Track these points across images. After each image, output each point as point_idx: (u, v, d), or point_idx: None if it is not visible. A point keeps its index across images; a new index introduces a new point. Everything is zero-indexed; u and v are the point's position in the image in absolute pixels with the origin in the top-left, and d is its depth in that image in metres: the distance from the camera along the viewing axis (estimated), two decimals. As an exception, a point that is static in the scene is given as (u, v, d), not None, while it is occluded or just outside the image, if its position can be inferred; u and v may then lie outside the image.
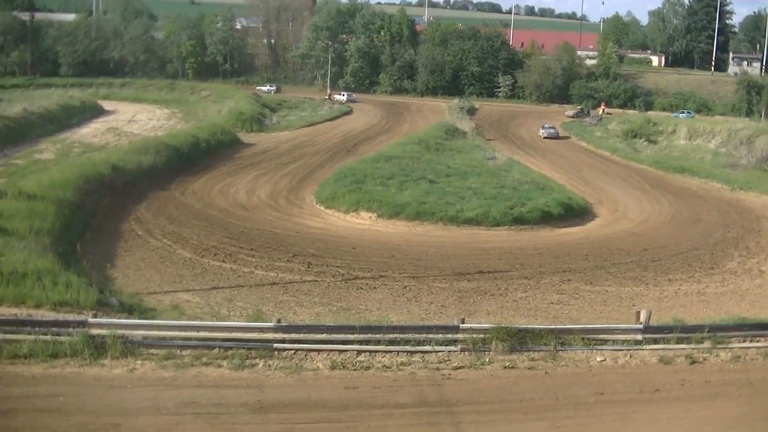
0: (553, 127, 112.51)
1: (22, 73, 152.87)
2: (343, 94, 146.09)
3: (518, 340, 27.59)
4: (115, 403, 22.73)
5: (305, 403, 23.49)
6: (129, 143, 78.46)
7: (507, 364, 26.65)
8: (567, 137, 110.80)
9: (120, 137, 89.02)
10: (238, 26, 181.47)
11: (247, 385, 24.35)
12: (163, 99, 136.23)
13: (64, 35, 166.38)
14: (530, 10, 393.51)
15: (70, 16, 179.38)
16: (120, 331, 26.03)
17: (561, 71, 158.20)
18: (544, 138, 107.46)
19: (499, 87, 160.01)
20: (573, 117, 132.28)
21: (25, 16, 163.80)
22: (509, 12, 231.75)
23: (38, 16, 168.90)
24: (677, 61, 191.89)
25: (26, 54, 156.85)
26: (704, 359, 27.70)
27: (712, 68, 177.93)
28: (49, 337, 25.53)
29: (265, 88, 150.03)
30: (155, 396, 23.34)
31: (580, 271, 45.33)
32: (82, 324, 26.09)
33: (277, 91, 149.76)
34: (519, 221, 56.02)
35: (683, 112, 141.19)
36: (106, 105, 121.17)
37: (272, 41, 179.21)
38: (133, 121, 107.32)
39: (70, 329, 25.90)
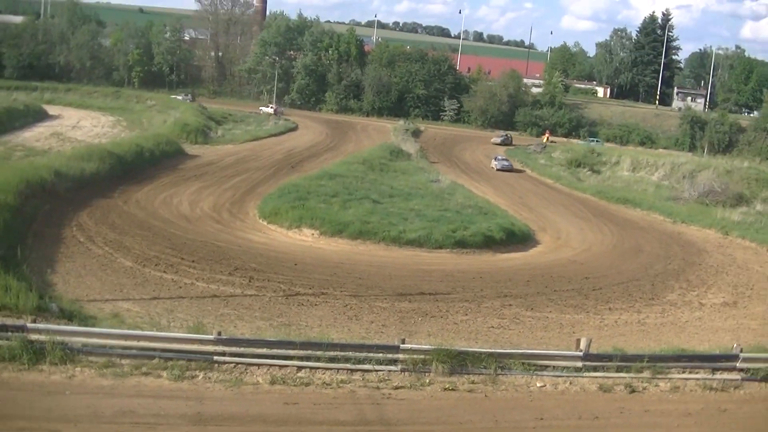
0: (506, 159, 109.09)
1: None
2: (270, 107, 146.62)
3: (458, 362, 27.75)
4: (53, 409, 22.56)
5: (244, 416, 23.48)
6: (72, 149, 77.71)
7: (447, 386, 26.81)
8: (521, 171, 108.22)
9: (64, 142, 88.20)
10: (186, 37, 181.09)
11: (186, 397, 24.28)
12: (108, 106, 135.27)
13: (9, 37, 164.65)
14: (479, 36, 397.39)
15: (17, 18, 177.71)
16: (59, 338, 25.87)
17: (507, 98, 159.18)
18: (498, 170, 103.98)
19: (445, 110, 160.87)
20: (499, 143, 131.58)
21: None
22: (458, 37, 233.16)
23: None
24: (622, 93, 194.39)
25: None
26: (643, 388, 28.03)
27: (657, 102, 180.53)
28: (-14, 341, 25.25)
29: (180, 97, 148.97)
30: (94, 404, 23.17)
31: (521, 296, 45.42)
32: (21, 329, 25.87)
33: (192, 99, 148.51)
34: (461, 244, 56.06)
35: (594, 140, 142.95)
36: (51, 109, 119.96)
37: (220, 54, 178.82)
38: (78, 127, 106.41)
39: (8, 333, 25.70)
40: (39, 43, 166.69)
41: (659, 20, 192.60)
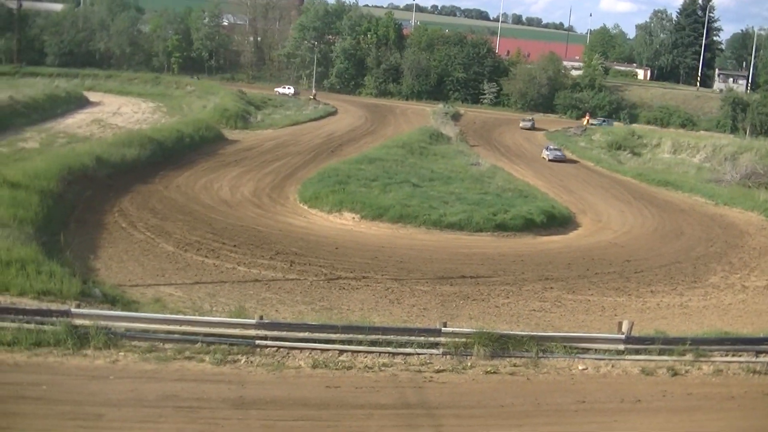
0: (559, 149, 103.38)
1: (7, 61, 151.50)
2: (289, 88, 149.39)
3: (500, 345, 27.60)
4: (97, 393, 22.70)
5: (286, 400, 23.48)
6: (113, 135, 78.16)
7: (489, 369, 26.67)
8: (575, 161, 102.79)
9: (105, 129, 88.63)
10: (225, 23, 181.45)
11: (228, 381, 24.34)
12: (147, 92, 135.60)
13: (50, 25, 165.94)
14: (517, 19, 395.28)
15: (58, 6, 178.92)
16: (103, 322, 26.06)
17: (546, 81, 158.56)
18: (549, 161, 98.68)
19: (484, 94, 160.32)
20: (528, 128, 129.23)
21: (12, 3, 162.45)
22: (496, 20, 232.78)
23: (25, 4, 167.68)
24: (663, 75, 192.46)
25: (12, 42, 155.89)
26: (686, 372, 27.71)
27: (698, 84, 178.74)
28: (32, 326, 25.60)
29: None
30: (137, 388, 23.32)
31: (562, 279, 45.29)
32: (65, 314, 26.10)
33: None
34: (501, 228, 55.94)
35: (604, 121, 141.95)
36: (92, 96, 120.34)
37: (258, 39, 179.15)
38: (118, 113, 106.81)
39: (53, 318, 25.95)
40: (79, 30, 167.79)
41: (700, 1, 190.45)
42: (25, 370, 23.77)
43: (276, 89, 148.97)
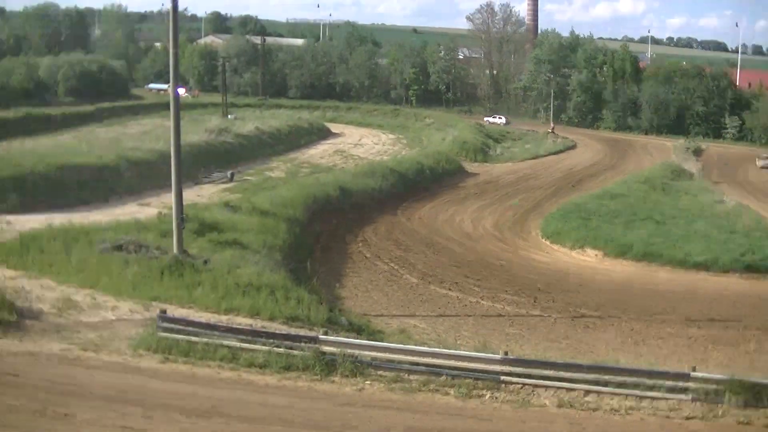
0: None
1: (253, 94, 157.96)
2: (501, 117, 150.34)
3: (753, 395, 26.19)
4: (346, 421, 22.86)
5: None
6: (356, 166, 79.83)
7: (741, 419, 25.31)
8: None
9: (347, 159, 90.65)
10: (460, 56, 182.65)
11: (474, 416, 24.19)
12: (387, 124, 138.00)
13: (293, 59, 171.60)
14: (758, 50, 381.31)
15: (299, 41, 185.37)
16: (350, 351, 26.39)
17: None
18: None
19: (726, 128, 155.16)
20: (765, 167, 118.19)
21: (257, 40, 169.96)
22: (735, 51, 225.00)
23: (269, 40, 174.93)
24: None
25: (257, 76, 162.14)
26: None
27: None
28: (282, 350, 26.30)
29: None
30: (385, 417, 23.40)
31: (815, 329, 42.85)
32: (314, 340, 26.67)
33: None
34: (751, 269, 53.56)
35: None
36: (333, 128, 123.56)
37: (494, 72, 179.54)
38: (359, 144, 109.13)
39: (302, 344, 26.58)
40: (319, 64, 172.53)
41: None
42: (276, 393, 24.31)
43: (486, 118, 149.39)
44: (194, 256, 36.05)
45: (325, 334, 27.31)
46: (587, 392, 26.07)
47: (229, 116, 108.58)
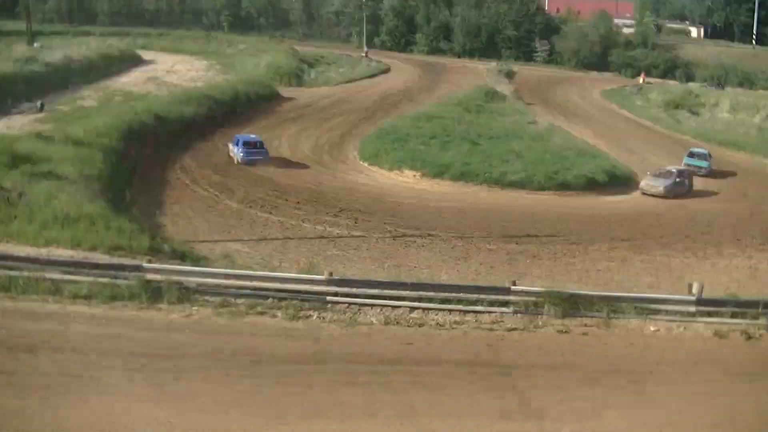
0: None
1: (59, 21, 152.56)
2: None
3: (570, 305, 27.23)
4: (175, 347, 22.89)
5: (361, 355, 23.51)
6: (170, 93, 78.27)
7: (560, 329, 26.38)
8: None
9: (160, 86, 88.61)
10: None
11: (303, 336, 24.42)
12: (200, 50, 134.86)
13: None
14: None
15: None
16: (175, 277, 26.17)
17: (598, 39, 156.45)
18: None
19: (537, 52, 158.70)
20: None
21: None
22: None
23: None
24: (716, 33, 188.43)
25: (63, 2, 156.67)
26: (760, 335, 27.18)
27: (754, 42, 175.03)
28: (106, 280, 25.83)
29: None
30: (213, 341, 23.51)
31: (628, 239, 44.89)
32: (138, 269, 26.28)
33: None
34: (563, 186, 55.72)
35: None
36: (145, 55, 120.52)
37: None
38: (172, 71, 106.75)
39: (127, 273, 26.16)
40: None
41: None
42: (103, 323, 24.02)
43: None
44: (8, 189, 34.85)
45: (149, 262, 26.98)
46: (412, 309, 26.55)
47: (35, 44, 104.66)
